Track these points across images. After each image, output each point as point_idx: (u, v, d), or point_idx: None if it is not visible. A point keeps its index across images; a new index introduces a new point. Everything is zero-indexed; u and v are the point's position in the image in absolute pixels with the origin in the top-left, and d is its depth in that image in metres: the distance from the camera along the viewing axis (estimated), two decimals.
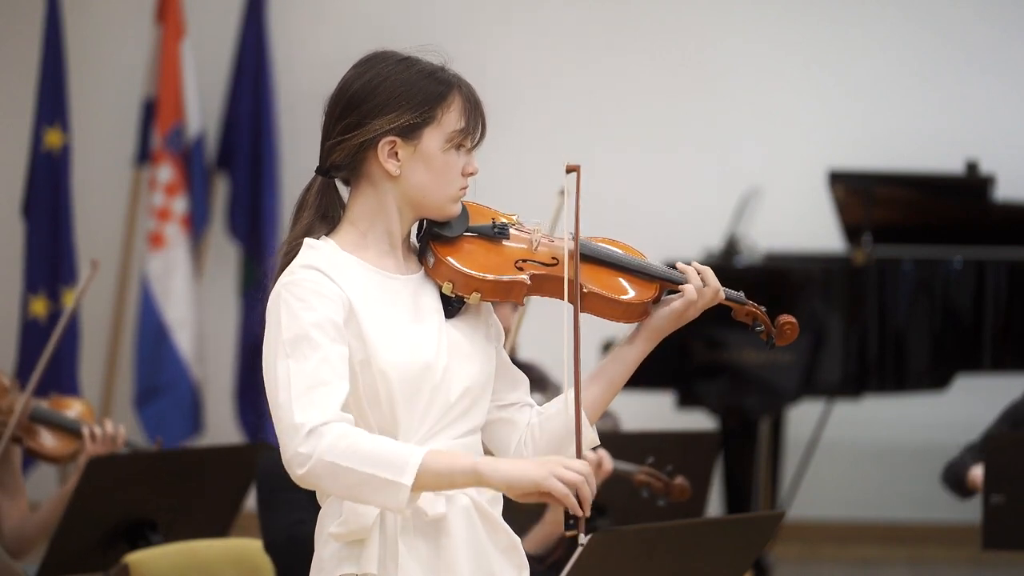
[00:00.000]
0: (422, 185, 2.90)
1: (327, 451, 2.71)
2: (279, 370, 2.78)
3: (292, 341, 2.78)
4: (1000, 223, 7.16)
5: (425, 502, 2.84)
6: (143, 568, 4.30)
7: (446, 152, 2.91)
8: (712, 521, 3.95)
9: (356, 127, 2.89)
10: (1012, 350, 6.79)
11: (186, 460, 4.78)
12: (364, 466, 2.70)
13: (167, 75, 7.87)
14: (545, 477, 2.72)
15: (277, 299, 2.85)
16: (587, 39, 8.25)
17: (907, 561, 8.01)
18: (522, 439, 2.98)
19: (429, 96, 2.91)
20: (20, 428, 4.54)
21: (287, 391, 2.76)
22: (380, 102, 2.89)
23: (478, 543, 2.90)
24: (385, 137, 2.88)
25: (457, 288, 2.91)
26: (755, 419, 6.89)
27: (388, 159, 2.89)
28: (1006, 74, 8.16)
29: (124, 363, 8.11)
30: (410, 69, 2.93)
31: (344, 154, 2.90)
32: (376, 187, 2.92)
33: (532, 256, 2.96)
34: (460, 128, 2.92)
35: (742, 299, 3.06)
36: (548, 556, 4.34)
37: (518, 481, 2.73)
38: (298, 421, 2.73)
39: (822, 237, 7.71)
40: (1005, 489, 4.68)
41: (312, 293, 2.82)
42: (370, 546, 2.85)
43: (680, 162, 8.21)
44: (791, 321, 3.06)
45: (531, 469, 2.73)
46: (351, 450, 2.71)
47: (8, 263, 7.81)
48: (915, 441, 8.07)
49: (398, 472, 2.70)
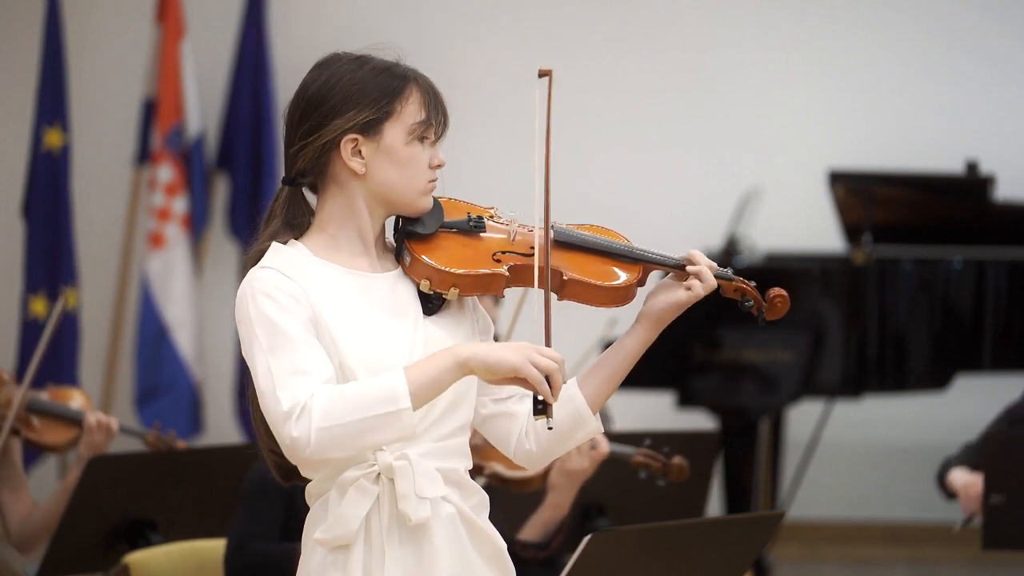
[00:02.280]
0: (389, 181, 2.91)
1: (320, 419, 2.73)
2: (259, 366, 2.79)
3: (267, 336, 2.80)
4: (1000, 223, 7.16)
5: (409, 507, 2.84)
6: (143, 568, 4.30)
7: (409, 145, 2.91)
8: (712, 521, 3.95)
9: (316, 129, 2.90)
10: (1012, 350, 6.79)
11: (186, 460, 4.78)
12: (359, 414, 2.73)
13: (167, 75, 7.86)
14: (522, 362, 2.77)
15: (244, 300, 2.85)
16: (587, 39, 8.25)
17: (907, 561, 8.01)
18: (523, 430, 2.98)
19: (386, 91, 2.91)
20: (18, 419, 4.54)
21: (270, 383, 2.77)
22: (338, 102, 2.90)
23: (462, 551, 2.90)
24: (346, 136, 2.89)
25: (434, 285, 2.91)
26: (755, 419, 6.89)
27: (352, 157, 2.90)
28: (1006, 74, 8.17)
29: (124, 363, 8.10)
30: (364, 67, 2.94)
31: (308, 158, 2.92)
32: (343, 188, 2.92)
33: (510, 247, 2.96)
34: (421, 120, 2.92)
35: (729, 275, 3.04)
36: (549, 542, 4.34)
37: (497, 365, 2.77)
38: (285, 409, 2.74)
39: (822, 237, 7.71)
40: (1005, 489, 4.68)
41: (277, 290, 2.83)
42: (355, 552, 2.85)
43: (680, 162, 8.22)
44: (782, 294, 3.03)
45: (509, 354, 2.78)
46: (340, 407, 2.73)
47: (8, 263, 7.81)
48: (915, 441, 8.07)
49: (392, 402, 2.74)
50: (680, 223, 8.05)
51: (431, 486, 2.87)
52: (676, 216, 8.09)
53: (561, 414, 2.92)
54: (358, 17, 8.22)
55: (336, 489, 2.86)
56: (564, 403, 2.93)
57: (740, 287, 3.03)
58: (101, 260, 8.10)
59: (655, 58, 8.24)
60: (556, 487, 4.30)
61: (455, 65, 7.93)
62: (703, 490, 4.77)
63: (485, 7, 8.29)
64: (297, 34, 8.22)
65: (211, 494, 4.61)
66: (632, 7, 8.27)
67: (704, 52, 8.24)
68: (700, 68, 8.23)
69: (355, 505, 2.84)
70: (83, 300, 7.47)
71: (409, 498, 2.84)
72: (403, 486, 2.84)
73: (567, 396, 2.94)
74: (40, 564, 4.44)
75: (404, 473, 2.84)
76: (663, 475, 4.42)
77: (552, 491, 4.31)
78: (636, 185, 8.17)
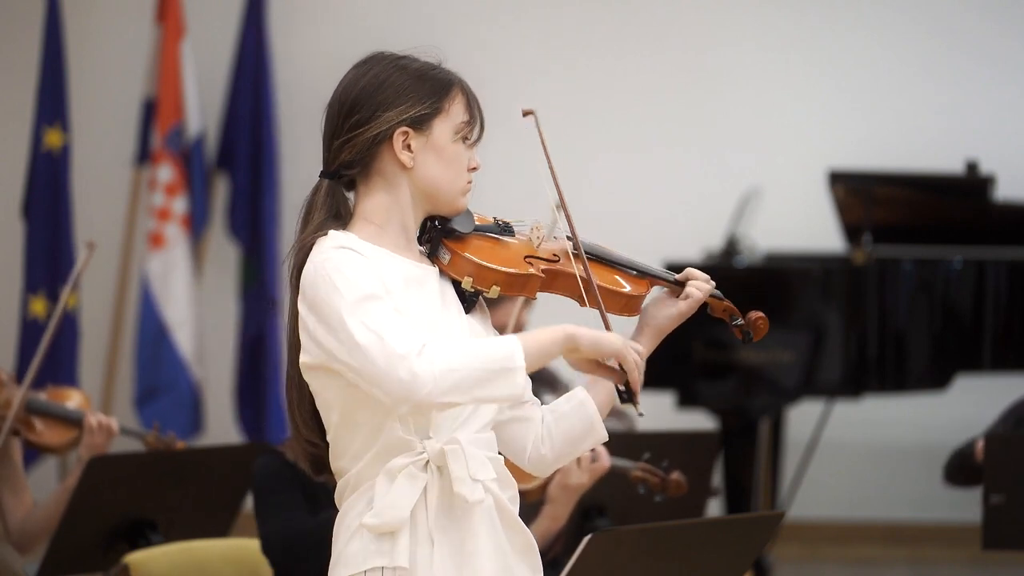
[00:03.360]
0: (434, 177, 2.96)
1: (443, 361, 2.77)
2: (352, 327, 2.79)
3: (355, 301, 2.81)
4: (1000, 223, 7.16)
5: (465, 488, 2.87)
6: (143, 568, 4.30)
7: (455, 143, 2.97)
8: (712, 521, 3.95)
9: (367, 122, 2.93)
10: (1012, 350, 6.79)
11: (186, 460, 4.78)
12: (477, 364, 2.80)
13: (167, 75, 7.86)
14: (625, 345, 2.89)
15: (318, 276, 2.85)
16: (587, 40, 8.25)
17: (907, 561, 8.01)
18: (539, 436, 3.03)
19: (435, 88, 2.98)
20: (18, 420, 4.54)
21: (372, 335, 2.78)
22: (389, 96, 2.94)
23: (498, 542, 2.94)
24: (398, 128, 2.93)
25: (476, 282, 2.96)
26: (755, 419, 6.89)
27: (402, 150, 2.94)
28: (1006, 74, 8.17)
29: (124, 363, 8.10)
30: (412, 66, 3.00)
31: (355, 151, 2.94)
32: (389, 181, 2.96)
33: (536, 253, 3.02)
34: (466, 120, 2.99)
35: (720, 295, 3.14)
36: (547, 552, 4.35)
37: (601, 344, 2.88)
38: (401, 351, 2.77)
39: (822, 237, 7.71)
40: (1005, 489, 4.68)
41: (353, 264, 2.85)
42: (401, 538, 2.87)
43: (680, 162, 8.21)
44: (762, 316, 3.15)
45: (614, 337, 2.90)
46: (461, 355, 2.79)
47: (8, 263, 7.81)
48: (915, 441, 8.07)
49: (509, 359, 2.81)
50: (680, 223, 8.05)
51: (483, 469, 2.91)
52: (676, 216, 8.09)
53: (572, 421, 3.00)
54: (358, 17, 8.22)
55: (384, 475, 2.88)
56: (576, 408, 3.01)
57: (730, 308, 3.14)
58: (101, 260, 8.10)
59: (655, 58, 8.24)
60: (554, 500, 4.33)
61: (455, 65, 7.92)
62: (703, 490, 4.77)
63: (485, 7, 8.29)
64: (297, 34, 8.22)
65: (211, 494, 4.62)
66: (632, 7, 8.27)
67: (704, 52, 8.24)
68: (700, 68, 8.23)
69: (405, 492, 2.87)
70: (83, 300, 7.47)
71: (464, 480, 2.88)
72: (457, 469, 2.88)
73: (578, 401, 3.01)
74: (40, 564, 4.45)
75: (456, 456, 2.88)
76: (661, 491, 4.45)
77: (550, 503, 4.33)
78: (636, 185, 8.17)
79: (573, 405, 3.00)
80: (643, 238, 7.78)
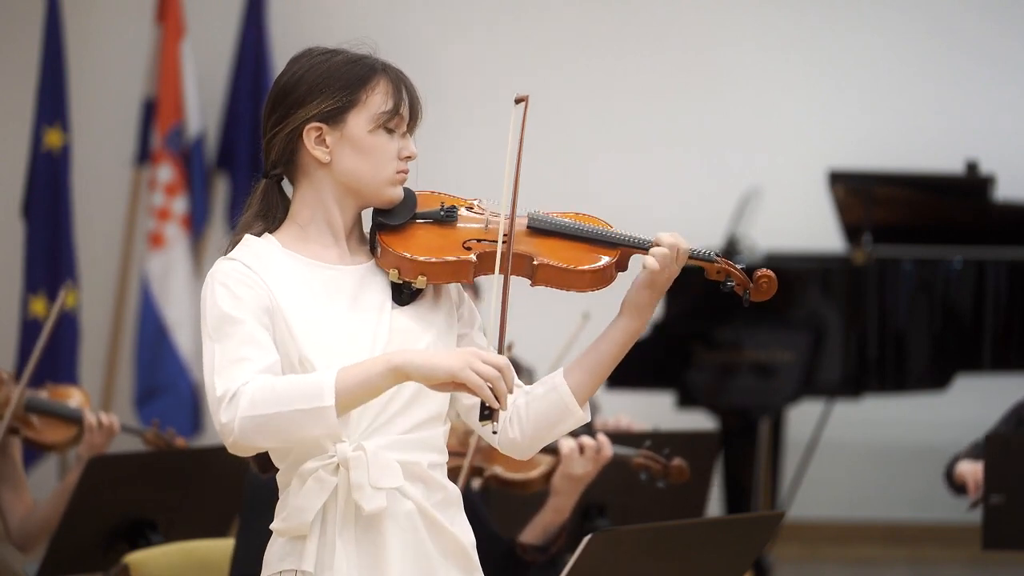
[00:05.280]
0: (353, 170, 2.93)
1: (246, 408, 2.74)
2: (206, 353, 2.82)
3: (215, 324, 2.82)
4: (1000, 223, 7.16)
5: (362, 497, 2.85)
6: (143, 568, 4.30)
7: (374, 134, 2.93)
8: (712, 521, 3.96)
9: (283, 119, 2.94)
10: (1012, 350, 6.80)
11: (186, 460, 4.78)
12: (283, 406, 2.73)
13: (167, 75, 7.87)
14: (461, 368, 2.75)
15: (204, 290, 2.89)
16: (587, 40, 8.25)
17: (907, 561, 8.01)
18: (507, 417, 2.96)
19: (350, 80, 2.94)
20: (17, 419, 4.54)
21: (211, 370, 2.80)
22: (303, 92, 2.93)
23: (420, 548, 2.90)
24: (309, 124, 2.92)
25: (403, 274, 2.92)
26: (755, 419, 6.89)
27: (316, 146, 2.93)
28: (1006, 74, 8.17)
29: (124, 363, 8.11)
30: (334, 58, 2.96)
31: (277, 149, 2.95)
32: (311, 178, 2.95)
33: (483, 235, 2.95)
34: (387, 109, 2.94)
35: (710, 256, 3.01)
36: (550, 545, 4.35)
37: (433, 372, 2.75)
38: (219, 394, 2.76)
39: (822, 237, 7.71)
40: (1005, 489, 4.67)
41: (235, 282, 2.85)
42: (309, 543, 2.87)
43: (681, 162, 8.22)
44: (769, 275, 3.02)
45: (448, 359, 2.76)
46: (267, 397, 2.74)
47: (8, 263, 7.81)
48: (915, 441, 8.07)
49: (317, 398, 2.72)
50: (680, 223, 8.00)
51: (388, 477, 2.87)
52: (676, 216, 8.09)
53: (544, 404, 2.93)
54: (358, 17, 8.22)
55: (297, 479, 2.88)
56: (547, 393, 2.94)
57: (724, 268, 3.01)
58: (101, 260, 8.11)
59: (655, 58, 8.24)
60: (559, 491, 4.30)
61: (456, 65, 7.93)
62: (703, 490, 4.77)
63: (486, 7, 8.29)
64: (297, 34, 8.21)
65: (211, 494, 4.61)
66: (632, 7, 8.27)
67: (704, 52, 8.24)
68: (700, 68, 8.23)
69: (312, 496, 2.86)
70: (83, 300, 7.47)
71: (363, 488, 2.84)
72: (357, 476, 2.85)
73: (551, 386, 2.94)
74: (40, 564, 4.44)
75: (358, 463, 2.85)
76: (663, 477, 4.44)
77: (554, 495, 4.31)
78: (636, 185, 8.17)
79: (546, 388, 2.94)
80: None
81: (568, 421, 2.96)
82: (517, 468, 4.28)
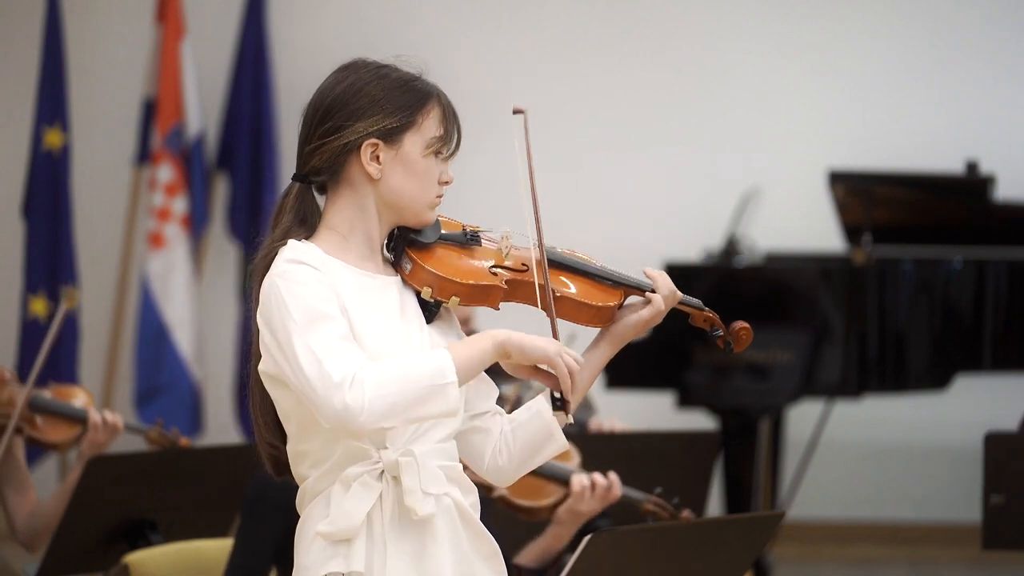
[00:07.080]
0: (401, 189, 2.96)
1: (374, 388, 2.79)
2: (297, 349, 2.82)
3: (304, 320, 2.83)
4: (1000, 223, 7.16)
5: (415, 501, 2.88)
6: (143, 568, 4.30)
7: (425, 158, 2.97)
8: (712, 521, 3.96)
9: (338, 130, 2.95)
10: (1012, 350, 6.79)
11: (186, 460, 4.78)
12: (410, 386, 2.81)
13: (167, 75, 7.87)
14: (556, 352, 2.89)
15: (272, 291, 2.87)
16: (587, 40, 8.25)
17: (907, 561, 8.01)
18: (496, 447, 3.02)
19: (410, 101, 2.97)
20: (21, 418, 4.54)
21: (314, 360, 2.80)
22: (362, 106, 2.95)
23: (460, 547, 2.94)
24: (368, 140, 2.94)
25: (436, 293, 2.96)
26: (755, 419, 6.88)
27: (370, 162, 2.95)
28: (1006, 74, 8.17)
29: (124, 363, 8.11)
30: (390, 76, 2.99)
31: (324, 158, 2.96)
32: (356, 191, 2.97)
33: (503, 263, 3.02)
34: (439, 135, 2.99)
35: (700, 305, 3.14)
36: (545, 569, 4.36)
37: (532, 350, 2.89)
38: (337, 379, 2.79)
39: (822, 237, 7.71)
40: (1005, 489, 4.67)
41: (308, 280, 2.87)
42: (357, 544, 2.88)
43: (680, 162, 8.22)
44: (746, 327, 3.16)
45: (544, 343, 2.90)
46: (392, 378, 2.80)
47: (8, 263, 7.81)
48: (915, 441, 8.07)
49: (440, 375, 2.82)
50: (680, 223, 8.05)
51: (436, 482, 2.91)
52: (676, 216, 8.09)
53: (531, 429, 2.99)
54: (358, 18, 8.22)
55: (340, 484, 2.90)
56: (533, 418, 3.00)
57: (710, 318, 3.15)
58: (101, 260, 8.11)
59: (655, 58, 8.24)
60: (561, 522, 4.34)
61: (455, 67, 7.93)
62: (703, 490, 4.77)
63: (485, 9, 8.29)
64: (297, 34, 8.22)
65: (211, 494, 4.62)
66: (632, 7, 8.27)
67: (704, 52, 8.24)
68: (701, 68, 8.23)
69: (359, 500, 2.88)
70: (83, 300, 7.47)
71: (415, 493, 2.88)
72: (409, 481, 2.88)
73: (536, 411, 3.00)
74: (40, 564, 4.44)
75: (410, 469, 2.89)
76: None
77: (556, 524, 4.34)
78: (636, 185, 8.16)
79: (531, 415, 2.99)
80: (643, 238, 7.79)
81: (551, 447, 3.01)
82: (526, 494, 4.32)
